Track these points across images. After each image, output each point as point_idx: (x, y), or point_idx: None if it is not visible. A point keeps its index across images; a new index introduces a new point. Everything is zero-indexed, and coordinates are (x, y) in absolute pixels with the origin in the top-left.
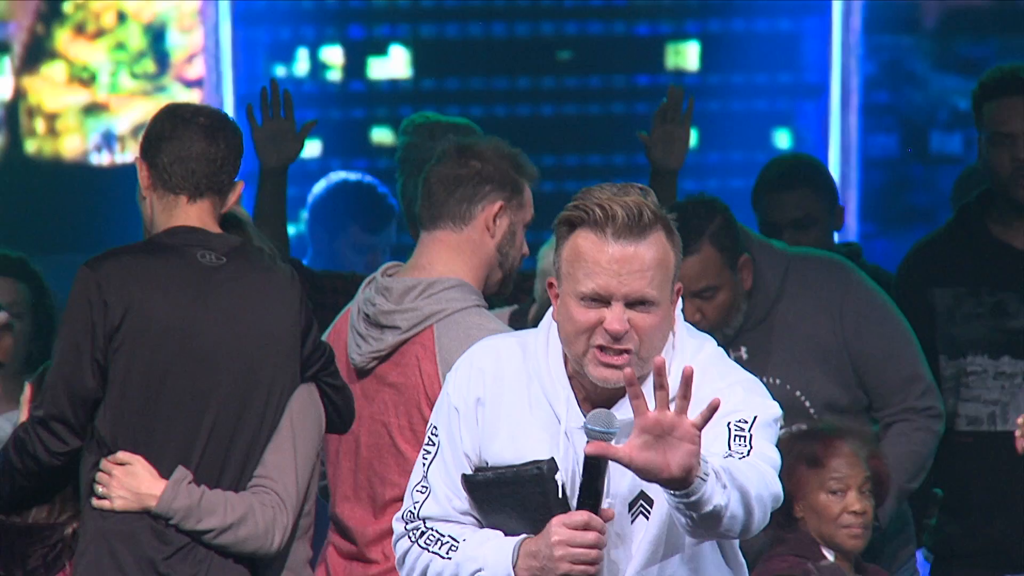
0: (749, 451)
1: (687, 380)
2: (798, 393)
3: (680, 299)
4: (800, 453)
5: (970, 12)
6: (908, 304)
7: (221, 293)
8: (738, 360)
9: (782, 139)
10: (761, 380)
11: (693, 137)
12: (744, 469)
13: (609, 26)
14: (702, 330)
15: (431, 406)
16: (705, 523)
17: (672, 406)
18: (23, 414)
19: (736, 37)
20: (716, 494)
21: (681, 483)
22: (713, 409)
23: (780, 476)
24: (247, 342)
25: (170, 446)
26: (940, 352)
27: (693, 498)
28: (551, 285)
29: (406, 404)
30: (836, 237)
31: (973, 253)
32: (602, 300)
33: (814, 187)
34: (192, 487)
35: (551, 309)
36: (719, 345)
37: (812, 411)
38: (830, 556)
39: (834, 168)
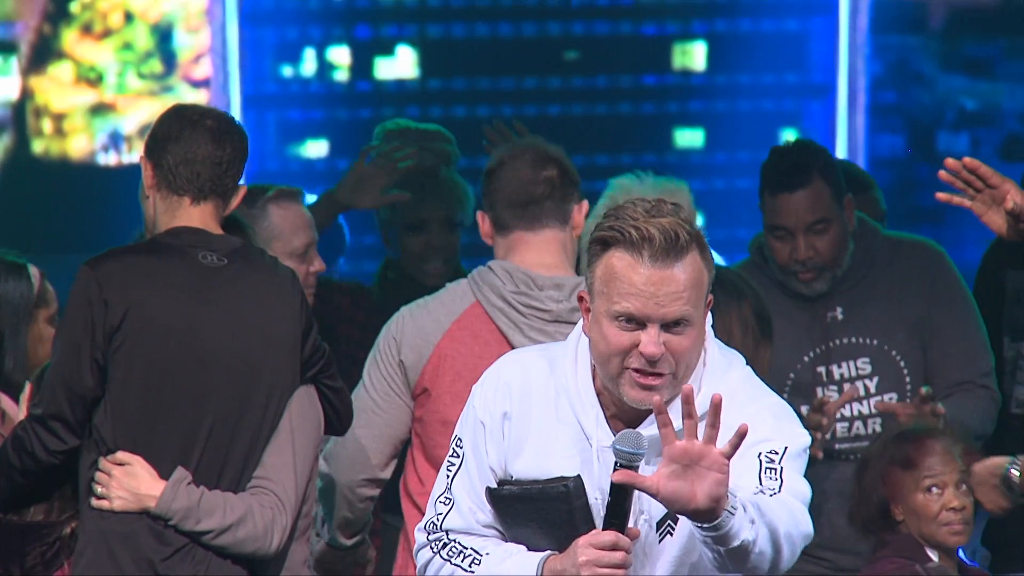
0: (780, 486)
1: (716, 408)
2: (894, 353)
3: (710, 312)
4: (892, 456)
5: (977, 12)
6: (983, 284)
7: (222, 294)
8: (833, 320)
9: (789, 139)
10: (853, 340)
11: (700, 137)
12: (774, 506)
13: (616, 26)
14: (816, 266)
15: None
16: (732, 558)
17: (700, 434)
18: (22, 412)
19: (743, 37)
20: (744, 529)
21: (709, 515)
22: (741, 436)
23: (875, 481)
24: (248, 343)
25: (169, 446)
26: (1004, 334)
27: (721, 531)
28: (581, 299)
29: None
30: None
31: None
32: (637, 322)
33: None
34: (191, 488)
35: (580, 323)
36: (747, 364)
37: (906, 372)
38: (935, 557)
39: None
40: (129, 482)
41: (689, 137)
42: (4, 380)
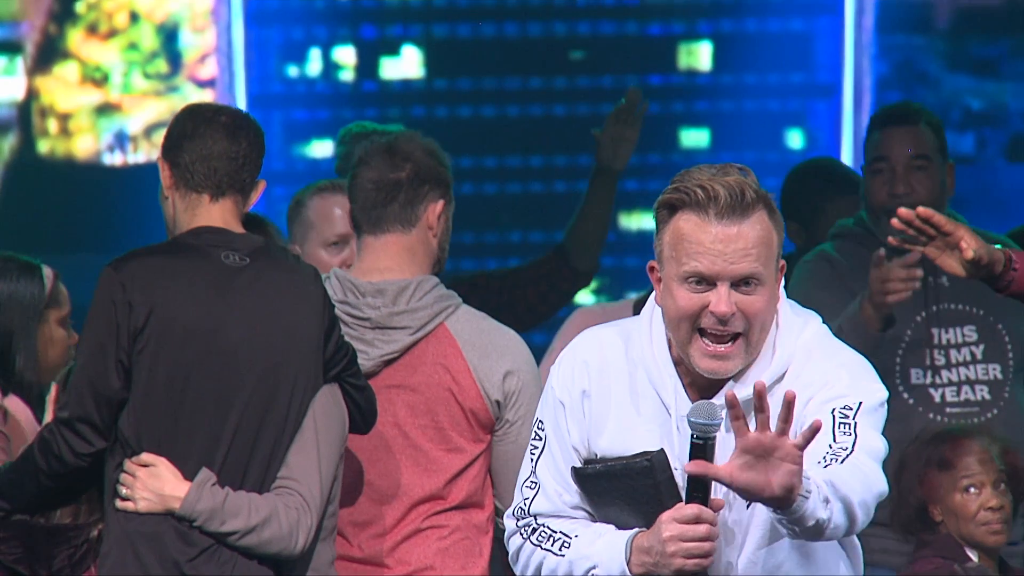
0: (854, 442)
1: (789, 405)
2: (1000, 327)
3: (784, 277)
4: (929, 458)
5: (983, 12)
6: None
7: (245, 293)
8: (938, 286)
9: (795, 139)
10: (959, 307)
11: (706, 137)
12: (847, 477)
13: (621, 26)
14: (912, 205)
15: (459, 402)
16: (807, 533)
17: (773, 425)
18: (48, 415)
19: (749, 37)
20: (819, 509)
21: (784, 502)
22: (815, 431)
23: (913, 482)
24: (271, 342)
25: (194, 447)
26: None
27: (796, 515)
28: (652, 269)
29: (428, 403)
30: None
31: None
32: (707, 281)
33: None
34: (216, 489)
35: (653, 294)
36: (823, 323)
37: (1009, 347)
38: (974, 557)
39: None
40: (154, 483)
41: (695, 137)
42: (15, 380)
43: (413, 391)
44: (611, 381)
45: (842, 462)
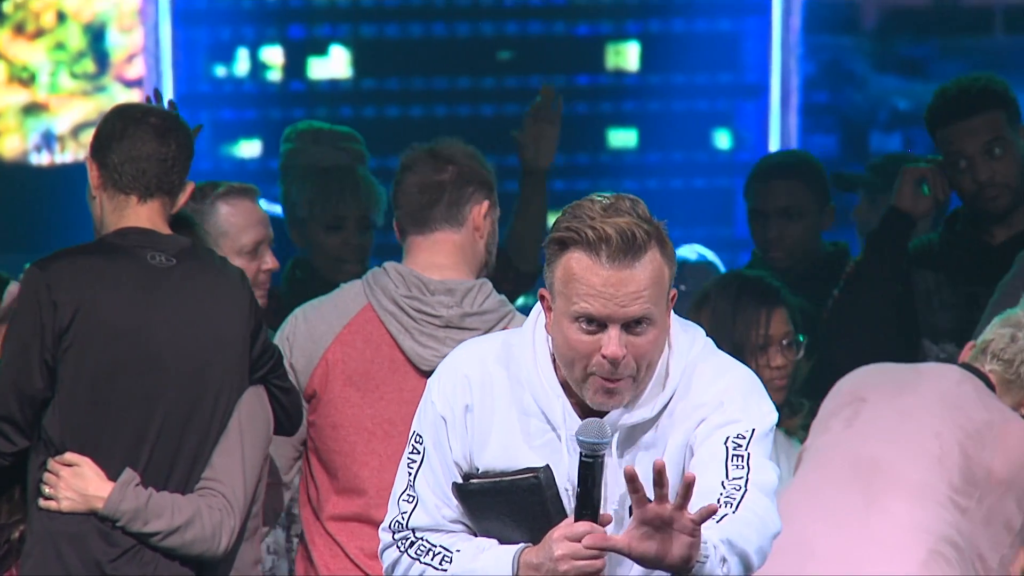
0: (747, 475)
1: (659, 474)
2: None
3: (674, 302)
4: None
5: (910, 13)
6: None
7: (171, 294)
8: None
9: (722, 139)
10: None
11: (633, 137)
12: (742, 528)
13: (549, 26)
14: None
15: None
16: None
17: (652, 495)
18: None
19: (676, 37)
20: (716, 569)
21: (681, 569)
22: (710, 513)
23: None
24: (197, 344)
25: (118, 448)
26: (923, 336)
27: None
28: (543, 297)
29: None
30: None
31: None
32: (598, 323)
33: (805, 180)
34: (139, 489)
35: (535, 311)
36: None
37: None
38: None
39: None
40: (77, 483)
41: (622, 137)
42: None
43: None
44: (495, 397)
45: (736, 507)
